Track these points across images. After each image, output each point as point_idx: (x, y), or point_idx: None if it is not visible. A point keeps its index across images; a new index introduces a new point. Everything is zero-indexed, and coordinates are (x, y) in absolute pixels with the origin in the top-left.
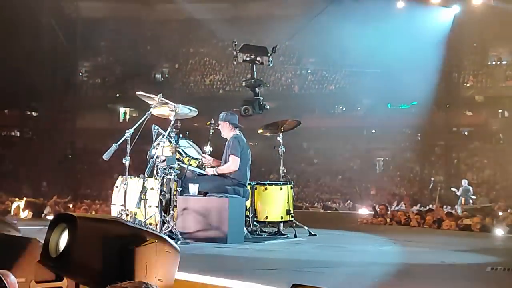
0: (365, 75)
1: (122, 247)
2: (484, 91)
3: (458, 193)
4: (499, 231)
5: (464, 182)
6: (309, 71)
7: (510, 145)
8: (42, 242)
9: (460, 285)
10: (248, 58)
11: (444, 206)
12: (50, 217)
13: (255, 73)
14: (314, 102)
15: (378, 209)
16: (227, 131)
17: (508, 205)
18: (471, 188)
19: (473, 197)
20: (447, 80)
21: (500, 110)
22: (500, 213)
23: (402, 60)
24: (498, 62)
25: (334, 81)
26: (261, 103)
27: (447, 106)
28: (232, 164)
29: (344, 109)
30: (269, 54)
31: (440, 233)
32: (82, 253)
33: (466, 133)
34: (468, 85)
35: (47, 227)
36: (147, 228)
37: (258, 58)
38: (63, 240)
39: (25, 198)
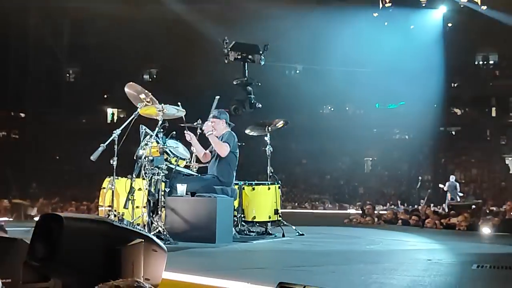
0: (353, 75)
1: (108, 247)
2: (471, 91)
3: (445, 189)
4: (485, 230)
5: (452, 178)
6: (297, 71)
7: (497, 145)
8: (29, 242)
9: (446, 283)
10: (239, 57)
11: (432, 205)
12: (37, 218)
13: (246, 71)
14: (303, 102)
15: (366, 209)
16: (221, 129)
17: (494, 204)
18: (457, 184)
19: (460, 194)
20: (435, 80)
21: (487, 110)
22: (487, 212)
23: (390, 60)
24: (486, 62)
25: (323, 81)
26: (252, 101)
27: (435, 105)
28: (225, 149)
29: (332, 109)
30: (260, 52)
31: (426, 231)
32: (69, 253)
33: (453, 132)
34: (455, 84)
35: (33, 228)
36: (134, 228)
37: (249, 56)
38: (50, 240)
39: (8, 200)
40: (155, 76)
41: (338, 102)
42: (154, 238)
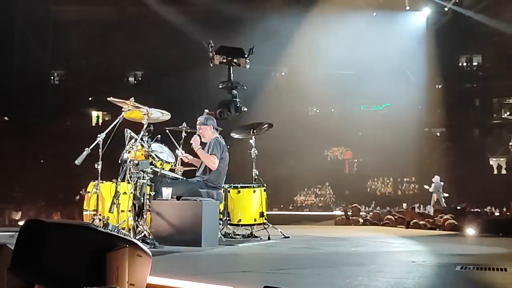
0: (338, 77)
1: (93, 253)
2: (455, 92)
3: (430, 190)
4: (469, 231)
5: (436, 178)
6: (282, 73)
7: (482, 145)
8: (13, 248)
9: (430, 285)
10: (224, 60)
11: (416, 206)
12: (22, 223)
13: (231, 75)
14: (287, 104)
15: (351, 210)
16: (209, 135)
17: (479, 205)
18: (442, 184)
19: (445, 194)
20: (419, 82)
21: (471, 111)
22: (471, 212)
23: (375, 62)
24: (469, 63)
25: (308, 83)
26: (238, 105)
27: (419, 107)
28: (213, 161)
29: (317, 111)
30: (245, 56)
31: (411, 233)
32: (53, 259)
33: (438, 133)
34: (439, 86)
35: (17, 233)
36: (119, 233)
37: (235, 60)
38: (34, 246)
39: None
40: (140, 79)
41: (323, 104)
42: (139, 243)
